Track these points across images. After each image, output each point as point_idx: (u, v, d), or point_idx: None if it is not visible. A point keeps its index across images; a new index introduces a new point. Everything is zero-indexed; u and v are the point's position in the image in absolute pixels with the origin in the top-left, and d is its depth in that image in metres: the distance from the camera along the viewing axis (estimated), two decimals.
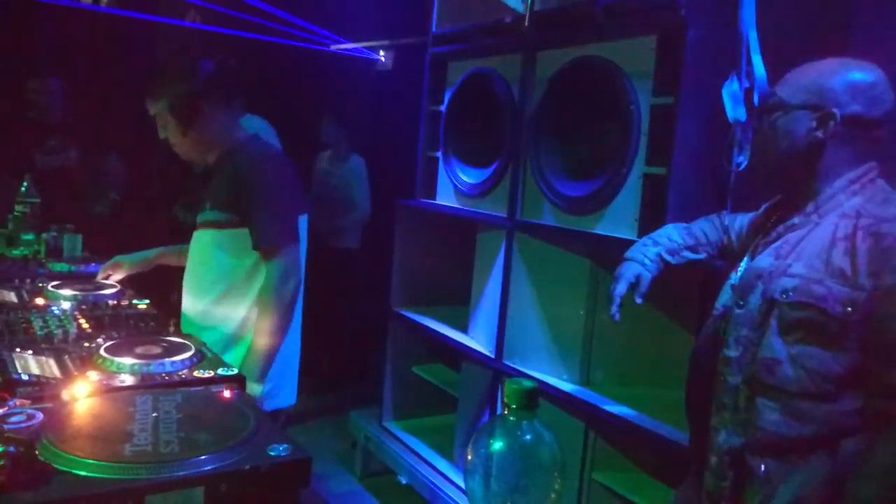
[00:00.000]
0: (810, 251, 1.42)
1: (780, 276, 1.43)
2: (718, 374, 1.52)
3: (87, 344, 1.65)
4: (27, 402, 1.28)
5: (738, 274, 1.55)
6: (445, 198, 3.19)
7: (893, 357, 1.32)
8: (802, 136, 1.46)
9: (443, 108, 3.19)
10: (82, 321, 1.82)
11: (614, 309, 1.76)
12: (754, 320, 1.46)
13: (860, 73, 1.46)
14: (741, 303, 1.50)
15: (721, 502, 1.50)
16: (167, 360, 1.54)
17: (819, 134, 1.45)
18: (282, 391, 2.11)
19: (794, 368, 1.39)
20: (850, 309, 1.34)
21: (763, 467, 1.43)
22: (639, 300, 1.78)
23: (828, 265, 1.38)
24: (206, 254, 2.09)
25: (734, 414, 1.48)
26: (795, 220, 1.49)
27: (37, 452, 1.09)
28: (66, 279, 2.27)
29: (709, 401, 1.55)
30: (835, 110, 1.43)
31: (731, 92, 2.04)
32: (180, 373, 1.52)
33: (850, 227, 1.39)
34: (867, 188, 1.45)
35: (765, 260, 1.49)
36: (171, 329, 1.81)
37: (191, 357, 1.59)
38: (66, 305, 1.97)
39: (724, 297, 1.57)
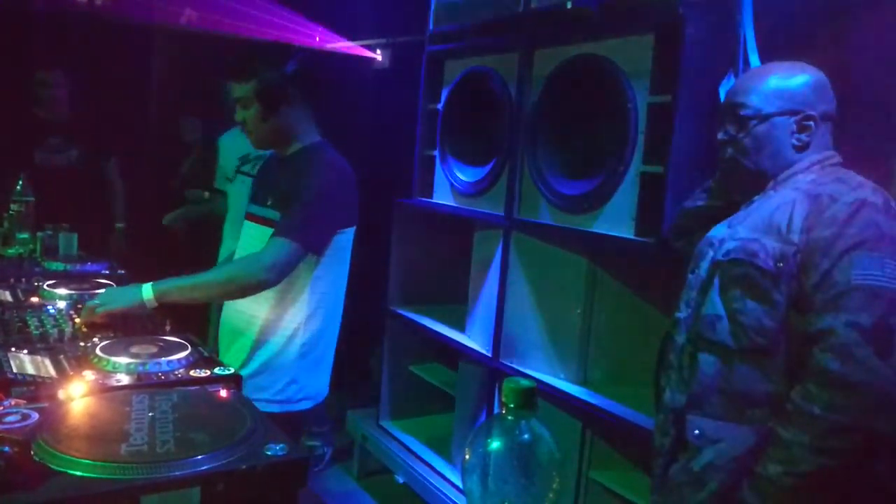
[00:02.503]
0: (757, 217, 1.50)
1: (727, 241, 1.52)
2: (668, 337, 1.63)
3: (82, 343, 1.64)
4: (22, 401, 1.28)
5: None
6: (442, 196, 3.18)
7: (812, 304, 1.38)
8: (785, 141, 1.53)
9: (440, 106, 3.18)
10: (78, 320, 1.81)
11: None
12: (702, 283, 1.54)
13: (812, 74, 1.55)
14: (695, 270, 1.58)
15: (660, 457, 1.60)
16: (163, 359, 1.54)
17: (804, 137, 1.52)
18: (311, 391, 2.12)
19: (732, 324, 1.46)
20: (781, 264, 1.41)
21: (697, 431, 1.50)
22: None
23: (768, 226, 1.46)
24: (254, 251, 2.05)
25: (678, 372, 1.56)
26: (755, 197, 1.57)
27: (32, 452, 1.08)
28: (62, 278, 2.26)
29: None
30: (812, 112, 1.51)
31: (728, 90, 2.04)
32: (176, 372, 1.51)
33: (797, 194, 1.47)
34: (826, 170, 1.53)
35: (719, 230, 1.58)
36: (167, 328, 1.81)
37: (187, 356, 1.58)
38: (61, 305, 1.96)
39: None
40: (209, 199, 3.86)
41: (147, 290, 1.84)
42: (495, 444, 0.93)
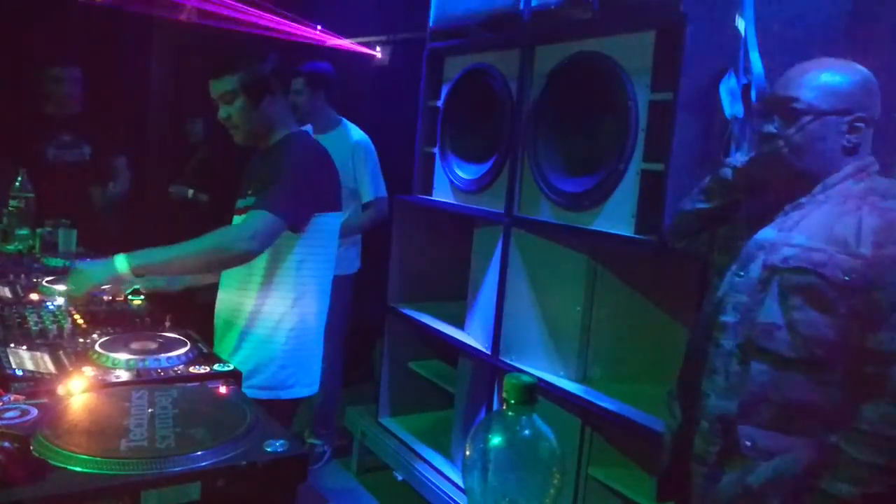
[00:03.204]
0: (814, 225, 1.47)
1: (782, 246, 1.48)
2: (713, 340, 1.57)
3: (82, 339, 1.64)
4: (22, 397, 1.28)
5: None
6: (442, 193, 3.18)
7: (877, 322, 1.36)
8: (836, 141, 1.49)
9: (440, 103, 3.18)
10: (77, 316, 1.81)
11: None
12: (753, 287, 1.51)
13: (864, 74, 1.52)
14: (741, 273, 1.54)
15: (706, 467, 1.55)
16: (163, 355, 1.54)
17: (854, 139, 1.49)
18: (302, 378, 2.12)
19: (791, 334, 1.43)
20: (848, 277, 1.38)
21: (749, 443, 1.47)
22: None
23: (830, 237, 1.43)
24: None
25: (725, 378, 1.52)
26: (802, 200, 1.53)
27: (31, 448, 1.08)
28: (61, 274, 2.26)
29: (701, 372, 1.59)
30: (863, 114, 1.49)
31: (728, 88, 2.05)
32: (176, 368, 1.51)
33: (857, 204, 1.44)
34: (872, 177, 1.51)
35: (767, 233, 1.54)
36: (167, 324, 1.81)
37: (187, 353, 1.58)
38: (60, 301, 1.96)
39: (725, 287, 1.60)
40: (192, 198, 3.86)
41: (122, 262, 1.78)
42: (496, 440, 0.93)
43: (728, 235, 1.70)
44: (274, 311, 2.06)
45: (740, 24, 2.05)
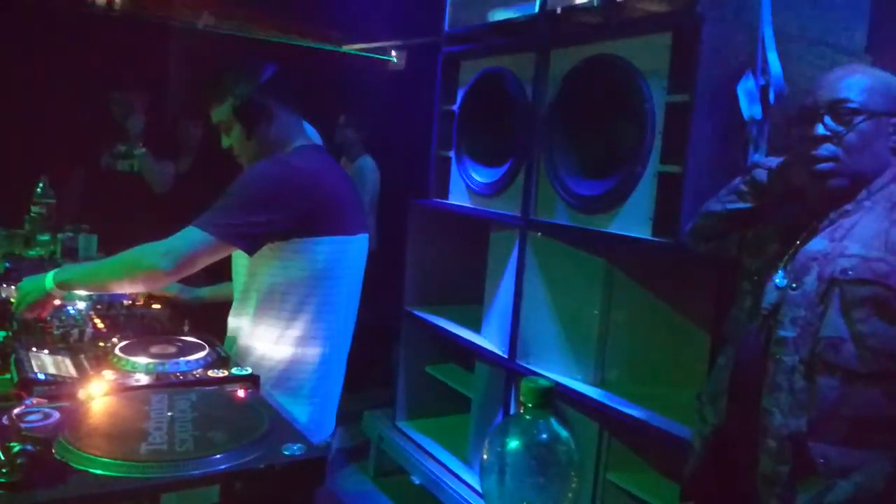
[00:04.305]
0: (866, 233, 1.45)
1: (837, 257, 1.45)
2: (771, 356, 1.52)
3: (102, 343, 1.65)
4: (44, 400, 1.29)
5: (784, 266, 1.54)
6: (458, 197, 3.18)
7: None
8: (885, 143, 1.49)
9: (456, 107, 3.18)
10: (98, 321, 1.84)
11: None
12: (812, 300, 1.47)
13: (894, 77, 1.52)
14: (794, 285, 1.50)
15: (776, 487, 1.50)
16: (182, 359, 1.55)
17: None
18: (321, 422, 1.90)
19: (858, 347, 1.41)
20: None
21: (822, 460, 1.43)
22: None
23: (887, 245, 1.41)
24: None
25: (790, 395, 1.48)
26: (847, 206, 1.50)
27: (53, 451, 1.09)
28: None
29: (757, 386, 1.54)
30: None
31: (746, 89, 2.03)
32: (195, 372, 1.53)
33: None
34: None
35: (818, 243, 1.50)
36: (186, 329, 1.82)
37: (205, 356, 1.59)
38: (81, 305, 1.98)
39: (770, 296, 1.55)
40: None
41: (49, 279, 1.76)
42: (513, 444, 0.93)
43: (756, 238, 1.66)
44: (263, 339, 1.85)
45: (758, 25, 2.04)
